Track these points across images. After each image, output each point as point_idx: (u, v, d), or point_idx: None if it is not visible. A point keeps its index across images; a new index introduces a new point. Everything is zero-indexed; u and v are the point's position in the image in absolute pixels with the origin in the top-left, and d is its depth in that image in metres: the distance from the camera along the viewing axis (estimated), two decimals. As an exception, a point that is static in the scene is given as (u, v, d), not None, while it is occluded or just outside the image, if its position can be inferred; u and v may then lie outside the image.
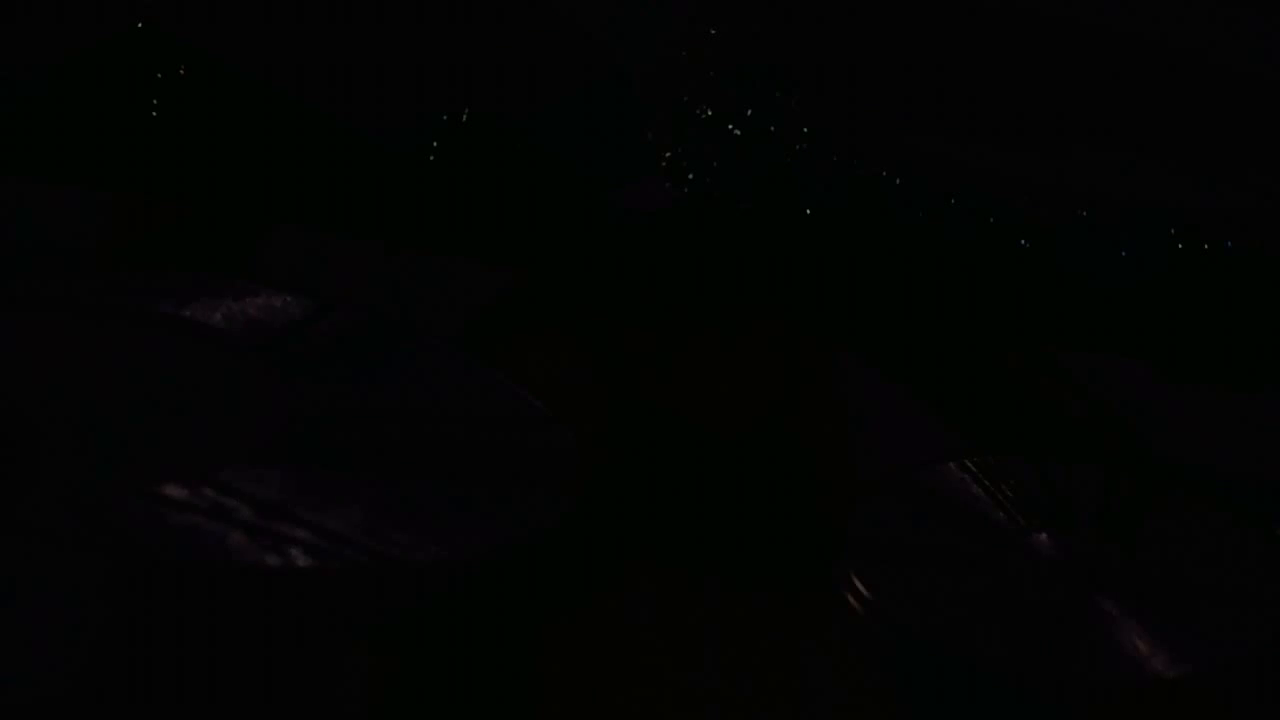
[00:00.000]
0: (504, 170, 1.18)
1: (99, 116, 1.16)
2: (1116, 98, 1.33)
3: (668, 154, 1.17)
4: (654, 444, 0.99)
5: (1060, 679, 0.83)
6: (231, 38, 1.20)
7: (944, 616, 0.85)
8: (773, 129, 1.13)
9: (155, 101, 1.16)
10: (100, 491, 0.82)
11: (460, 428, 0.93)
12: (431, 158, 1.17)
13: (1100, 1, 1.34)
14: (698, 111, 1.16)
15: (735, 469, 0.98)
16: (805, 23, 1.24)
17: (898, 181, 1.10)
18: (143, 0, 1.19)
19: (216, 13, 1.21)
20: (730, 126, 1.15)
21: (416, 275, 1.10)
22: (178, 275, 1.01)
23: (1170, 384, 1.09)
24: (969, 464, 0.95)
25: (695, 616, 0.86)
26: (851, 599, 0.85)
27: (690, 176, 1.15)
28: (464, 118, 1.18)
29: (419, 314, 1.04)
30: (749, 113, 1.14)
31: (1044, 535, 0.90)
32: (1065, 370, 1.10)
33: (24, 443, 0.87)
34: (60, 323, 0.96)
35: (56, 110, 1.17)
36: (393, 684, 0.78)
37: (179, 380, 0.94)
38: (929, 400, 1.07)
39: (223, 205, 1.13)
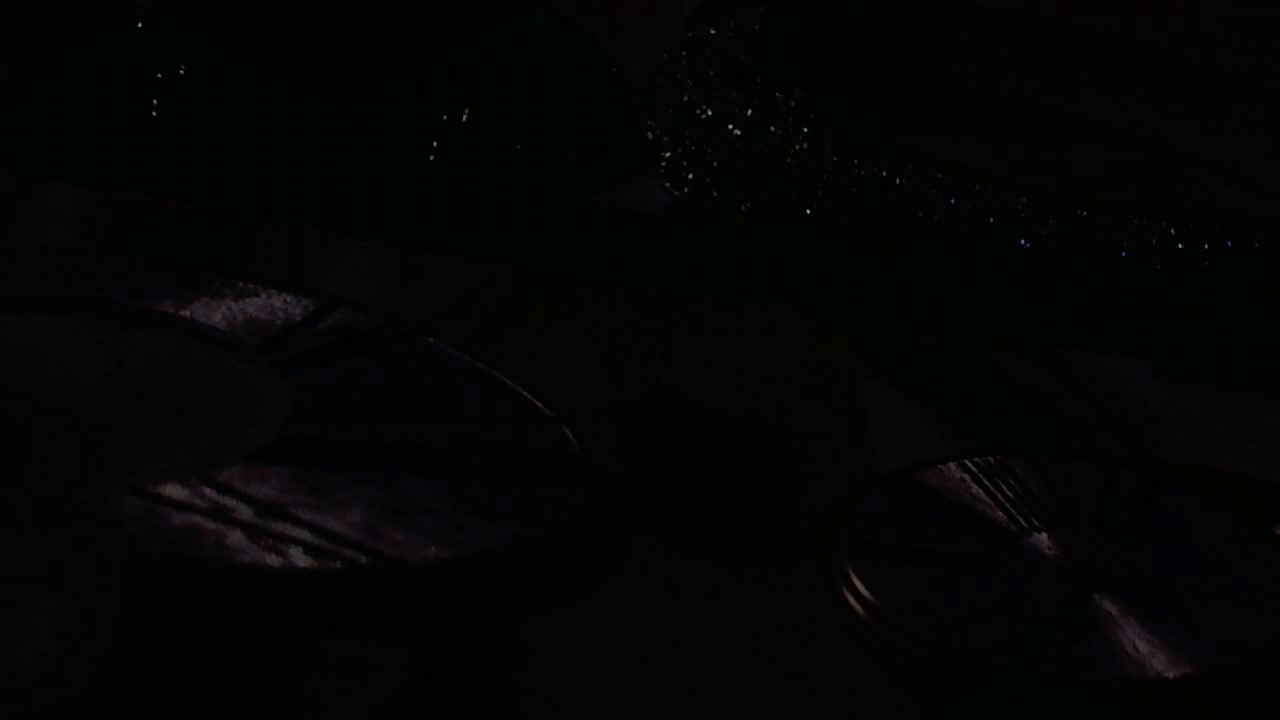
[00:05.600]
0: (504, 170, 1.18)
1: (99, 116, 1.16)
2: (1116, 98, 1.33)
3: (667, 154, 1.17)
4: (654, 444, 0.99)
5: (1060, 679, 0.83)
6: (231, 37, 1.20)
7: (944, 616, 0.85)
8: (773, 129, 1.13)
9: (155, 101, 1.16)
10: (100, 491, 0.82)
11: (460, 428, 0.93)
12: (431, 158, 1.17)
13: (1100, 1, 1.34)
14: (698, 111, 1.16)
15: (736, 469, 0.98)
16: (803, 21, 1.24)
17: (898, 181, 1.10)
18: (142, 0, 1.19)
19: (216, 12, 1.21)
20: (730, 126, 1.15)
21: (416, 275, 1.10)
22: (178, 275, 1.01)
23: (1170, 384, 1.09)
24: (969, 464, 0.94)
25: (694, 616, 0.86)
26: (851, 599, 0.85)
27: (690, 176, 1.15)
28: (464, 118, 1.18)
29: (419, 314, 1.04)
30: (749, 113, 1.14)
31: (1044, 535, 0.90)
32: (1065, 370, 1.10)
33: (23, 442, 0.87)
34: (60, 323, 0.96)
35: (56, 110, 1.17)
36: (393, 684, 0.78)
37: (179, 380, 0.94)
38: (929, 400, 1.07)
39: (222, 204, 1.13)
